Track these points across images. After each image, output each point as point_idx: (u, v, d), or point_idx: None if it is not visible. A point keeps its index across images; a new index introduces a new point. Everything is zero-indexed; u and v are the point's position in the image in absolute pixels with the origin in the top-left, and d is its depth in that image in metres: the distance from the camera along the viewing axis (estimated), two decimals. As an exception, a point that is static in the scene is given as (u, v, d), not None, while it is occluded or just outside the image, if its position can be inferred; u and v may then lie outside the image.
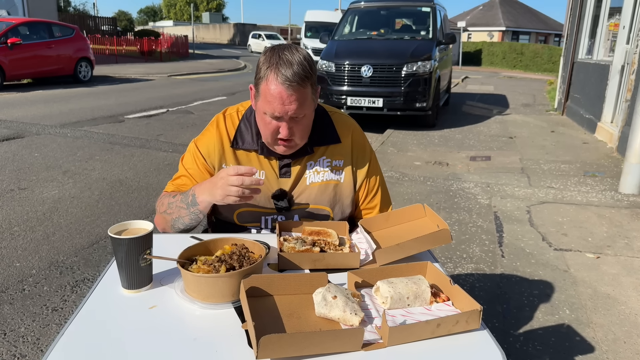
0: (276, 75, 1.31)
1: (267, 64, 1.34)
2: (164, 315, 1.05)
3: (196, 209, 1.42)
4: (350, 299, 1.04)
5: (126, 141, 6.39)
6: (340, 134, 1.56)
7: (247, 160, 1.52)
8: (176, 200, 1.46)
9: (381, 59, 7.54)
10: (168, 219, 1.49)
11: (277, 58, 1.33)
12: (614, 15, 8.09)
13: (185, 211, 1.44)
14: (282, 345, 0.89)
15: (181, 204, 1.44)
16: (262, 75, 1.35)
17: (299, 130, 1.40)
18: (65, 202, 4.09)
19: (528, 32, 42.27)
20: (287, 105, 1.33)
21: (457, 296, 1.10)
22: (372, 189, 1.61)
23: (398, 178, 5.14)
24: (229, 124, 1.54)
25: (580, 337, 2.43)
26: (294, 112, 1.34)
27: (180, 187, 1.55)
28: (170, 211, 1.48)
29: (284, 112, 1.33)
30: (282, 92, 1.31)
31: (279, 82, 1.31)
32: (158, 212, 1.54)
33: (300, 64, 1.32)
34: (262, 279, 1.09)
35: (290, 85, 1.30)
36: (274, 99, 1.32)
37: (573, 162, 5.91)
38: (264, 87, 1.34)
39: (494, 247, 3.47)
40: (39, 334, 2.34)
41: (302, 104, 1.35)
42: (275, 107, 1.33)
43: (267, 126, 1.39)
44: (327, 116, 1.57)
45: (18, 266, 3.00)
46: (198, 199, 1.40)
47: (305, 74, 1.32)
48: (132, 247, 1.10)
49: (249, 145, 1.51)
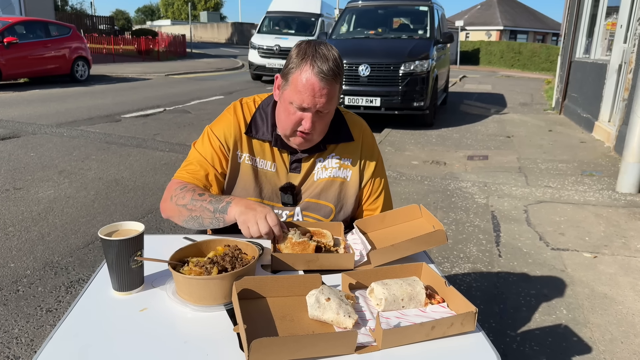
0: (312, 67, 1.33)
1: (301, 55, 1.35)
2: (155, 318, 1.04)
3: (222, 217, 1.35)
4: (344, 301, 1.03)
5: (123, 141, 6.36)
6: (352, 133, 1.57)
7: (260, 150, 1.52)
8: (203, 201, 1.38)
9: (379, 58, 7.52)
10: (184, 213, 1.40)
11: (313, 51, 1.35)
12: (611, 15, 8.09)
13: (209, 214, 1.36)
14: (274, 349, 0.88)
15: (209, 205, 1.37)
16: (294, 66, 1.36)
17: (320, 125, 1.42)
18: (61, 202, 4.07)
19: (526, 31, 42.32)
20: (318, 98, 1.35)
21: (452, 298, 1.09)
22: (376, 191, 1.61)
23: (395, 177, 5.13)
24: (246, 111, 1.55)
25: (577, 337, 2.42)
26: (322, 106, 1.36)
27: (194, 173, 1.49)
28: (191, 207, 1.39)
29: (313, 104, 1.35)
30: (315, 84, 1.33)
31: (313, 74, 1.33)
32: (173, 202, 1.43)
33: (335, 60, 1.35)
34: (254, 280, 1.07)
35: (324, 78, 1.33)
36: (305, 90, 1.34)
37: (570, 162, 5.90)
38: (295, 77, 1.35)
39: (491, 246, 3.46)
40: (33, 335, 2.33)
41: (330, 99, 1.37)
42: (304, 97, 1.34)
43: (289, 117, 1.40)
44: (340, 115, 1.58)
45: (12, 267, 2.98)
46: (230, 209, 1.34)
47: (338, 71, 1.36)
48: (123, 249, 1.09)
49: (263, 136, 1.51)
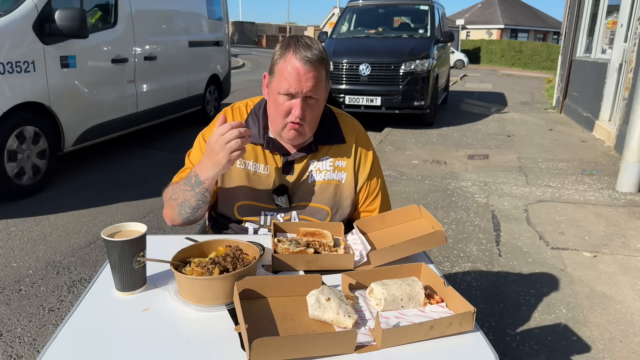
0: (295, 53, 1.36)
1: (284, 46, 1.40)
2: (157, 317, 1.05)
3: (202, 188, 1.41)
4: (344, 301, 1.04)
5: (124, 140, 6.38)
6: (345, 135, 1.57)
7: (252, 153, 1.53)
8: (180, 185, 1.46)
9: (379, 57, 7.53)
10: (174, 206, 1.47)
11: (295, 40, 1.40)
12: (612, 13, 8.09)
13: (190, 193, 1.42)
14: (275, 348, 0.89)
15: (185, 186, 1.44)
16: (278, 57, 1.40)
17: (310, 114, 1.43)
18: (63, 202, 4.09)
19: (526, 30, 42.30)
20: (304, 82, 1.36)
21: (451, 298, 1.10)
22: (373, 192, 1.61)
23: (396, 177, 5.14)
24: (237, 116, 1.56)
25: (576, 336, 2.43)
26: (310, 90, 1.38)
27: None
28: (175, 196, 1.47)
29: (300, 88, 1.37)
30: (300, 68, 1.36)
31: (297, 59, 1.36)
32: (165, 202, 1.53)
33: (318, 48, 1.39)
34: (255, 281, 1.08)
35: (308, 61, 1.36)
36: (291, 75, 1.36)
37: (571, 161, 5.91)
38: (281, 66, 1.38)
39: (491, 246, 3.48)
40: (36, 335, 2.34)
41: (317, 83, 1.39)
42: (291, 82, 1.36)
43: (279, 107, 1.41)
44: (333, 116, 1.59)
45: (15, 266, 3.00)
46: (202, 177, 1.39)
47: (322, 57, 1.39)
48: (126, 250, 1.10)
49: (255, 139, 1.52)
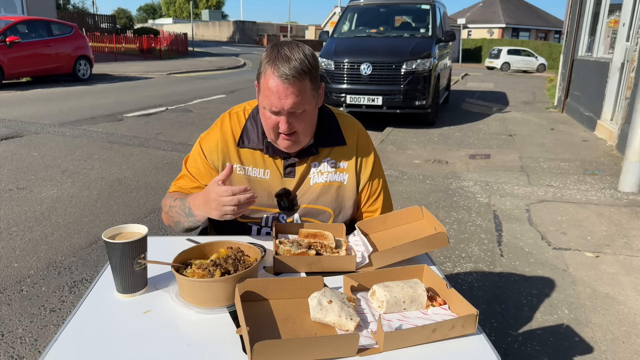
0: (273, 70, 1.32)
1: (266, 59, 1.35)
2: (159, 320, 1.05)
3: (194, 219, 1.47)
4: (346, 303, 1.03)
5: (125, 140, 6.38)
6: (345, 136, 1.56)
7: (252, 158, 1.53)
8: (176, 206, 1.51)
9: (380, 57, 7.51)
10: (170, 220, 1.56)
11: (276, 53, 1.34)
12: (614, 12, 8.07)
13: (184, 218, 1.49)
14: (277, 351, 0.88)
15: (180, 211, 1.49)
16: (261, 71, 1.37)
17: (300, 125, 1.40)
18: (64, 202, 4.09)
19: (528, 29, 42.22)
20: (284, 100, 1.33)
21: (453, 300, 1.09)
22: (374, 193, 1.60)
23: (397, 177, 5.13)
24: (235, 123, 1.55)
25: (578, 336, 2.42)
26: (291, 107, 1.35)
27: (181, 188, 1.58)
28: (171, 214, 1.53)
29: (281, 106, 1.34)
30: (279, 86, 1.32)
31: (275, 76, 1.32)
32: (163, 211, 1.60)
33: (299, 59, 1.33)
34: (257, 283, 1.08)
35: (286, 79, 1.31)
36: (271, 94, 1.34)
37: (572, 160, 5.90)
38: (263, 82, 1.36)
39: (492, 246, 3.47)
40: (37, 335, 2.34)
41: (299, 98, 1.35)
42: (272, 101, 1.34)
43: (267, 121, 1.41)
44: (333, 117, 1.57)
45: (16, 267, 3.00)
46: (194, 212, 1.43)
47: (302, 68, 1.33)
48: (127, 252, 1.10)
49: (255, 145, 1.52)
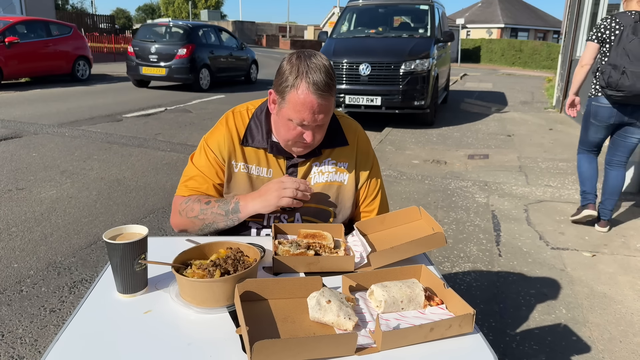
0: (308, 85, 1.32)
1: (295, 72, 1.34)
2: (159, 320, 1.06)
3: (236, 217, 1.47)
4: (345, 303, 1.04)
5: (124, 140, 6.39)
6: (346, 137, 1.59)
7: (255, 157, 1.55)
8: (212, 207, 1.48)
9: (379, 57, 7.53)
10: (197, 223, 1.50)
11: (306, 67, 1.33)
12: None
13: (222, 217, 1.48)
14: (276, 350, 0.90)
15: (219, 210, 1.47)
16: (290, 84, 1.35)
17: (319, 134, 1.45)
18: (63, 202, 4.10)
19: (527, 29, 42.26)
20: (317, 115, 1.36)
21: (450, 299, 1.11)
22: (372, 193, 1.63)
23: (396, 177, 5.14)
24: (239, 121, 1.57)
25: (576, 336, 2.44)
26: (322, 120, 1.38)
27: (195, 190, 1.55)
28: (203, 217, 1.49)
29: (314, 120, 1.37)
30: (314, 102, 1.34)
31: (310, 92, 1.32)
32: (183, 216, 1.52)
33: (327, 72, 1.35)
34: (256, 283, 1.09)
35: (322, 95, 1.33)
36: (305, 109, 1.34)
37: (571, 160, 5.91)
38: (293, 96, 1.35)
39: (491, 246, 3.48)
40: (37, 336, 2.35)
41: (329, 111, 1.39)
42: (305, 115, 1.35)
43: (290, 132, 1.42)
44: (334, 119, 1.59)
45: (16, 267, 3.00)
46: (242, 207, 1.45)
47: (332, 82, 1.36)
48: (127, 252, 1.11)
49: (259, 144, 1.53)
